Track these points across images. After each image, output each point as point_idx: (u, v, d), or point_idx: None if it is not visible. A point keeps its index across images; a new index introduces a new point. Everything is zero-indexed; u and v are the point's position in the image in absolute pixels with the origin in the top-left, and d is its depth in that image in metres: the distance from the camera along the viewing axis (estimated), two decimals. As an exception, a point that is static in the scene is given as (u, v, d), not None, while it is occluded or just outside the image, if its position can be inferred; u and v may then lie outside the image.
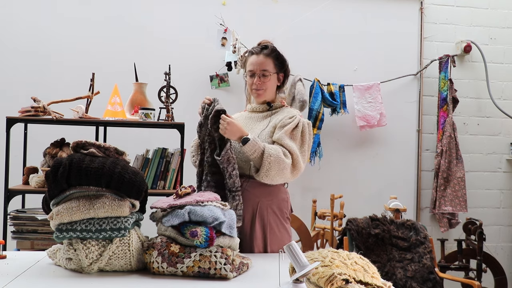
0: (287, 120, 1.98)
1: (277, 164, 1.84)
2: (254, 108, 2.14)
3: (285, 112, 2.06)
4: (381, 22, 4.00)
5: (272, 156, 1.84)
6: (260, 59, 2.04)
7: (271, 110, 2.09)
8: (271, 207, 1.99)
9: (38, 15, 3.63)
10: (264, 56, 2.04)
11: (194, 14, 3.77)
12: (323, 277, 1.20)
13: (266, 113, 2.10)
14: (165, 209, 1.55)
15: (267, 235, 1.97)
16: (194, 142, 2.13)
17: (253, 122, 2.10)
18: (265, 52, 2.05)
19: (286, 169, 1.86)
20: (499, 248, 4.16)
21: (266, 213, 1.97)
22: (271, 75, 2.05)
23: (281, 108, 2.11)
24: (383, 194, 3.85)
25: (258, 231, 1.96)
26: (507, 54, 4.18)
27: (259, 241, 1.96)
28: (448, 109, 3.91)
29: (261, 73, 2.03)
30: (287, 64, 2.11)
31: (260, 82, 2.04)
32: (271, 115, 2.07)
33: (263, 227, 1.97)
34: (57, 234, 1.49)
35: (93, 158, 1.52)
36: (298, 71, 3.71)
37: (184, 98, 3.07)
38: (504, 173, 4.18)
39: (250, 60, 2.07)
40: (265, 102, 2.11)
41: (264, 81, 2.04)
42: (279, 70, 2.08)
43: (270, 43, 2.10)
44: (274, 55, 2.06)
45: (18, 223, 2.50)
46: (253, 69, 2.05)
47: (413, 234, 2.91)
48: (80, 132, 2.94)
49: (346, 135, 3.97)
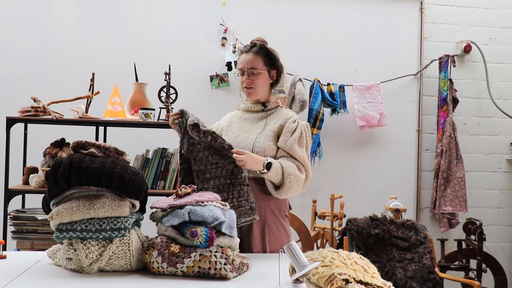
0: (291, 125, 1.97)
1: (296, 182, 1.91)
2: (248, 107, 2.10)
3: (281, 113, 2.05)
4: (381, 22, 4.00)
5: (291, 175, 1.90)
6: (248, 57, 2.02)
7: (266, 111, 2.07)
8: (269, 206, 1.99)
9: (38, 15, 3.62)
10: (252, 54, 2.02)
11: (194, 14, 3.77)
12: (323, 277, 1.20)
13: (261, 114, 2.07)
14: (165, 209, 1.55)
15: (265, 235, 1.97)
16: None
17: (248, 124, 2.07)
18: (254, 50, 2.03)
19: (302, 183, 1.95)
20: (499, 248, 4.16)
21: (264, 213, 1.97)
22: (260, 73, 2.02)
23: (276, 108, 2.09)
24: (383, 194, 3.85)
25: (256, 231, 1.96)
26: (507, 54, 4.18)
27: (257, 241, 1.95)
28: (448, 109, 3.91)
29: (249, 71, 2.01)
30: (278, 60, 2.08)
31: (249, 81, 2.02)
32: (267, 117, 2.05)
33: (262, 227, 1.97)
34: (57, 234, 1.49)
35: (93, 158, 1.52)
36: (298, 71, 3.71)
37: (184, 98, 3.06)
38: (504, 173, 4.18)
39: (240, 59, 2.06)
40: (259, 101, 2.08)
41: (253, 79, 2.01)
42: (270, 67, 2.05)
43: (261, 40, 2.07)
44: (263, 52, 2.04)
45: (18, 223, 2.50)
46: (242, 67, 2.04)
47: (413, 234, 2.91)
48: (80, 132, 2.94)
49: (346, 135, 3.97)
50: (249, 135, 2.00)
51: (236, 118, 2.13)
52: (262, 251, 1.96)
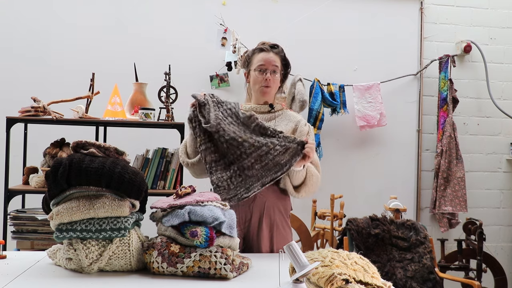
0: (304, 128, 2.03)
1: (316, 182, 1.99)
2: (254, 108, 2.10)
3: (288, 115, 2.08)
4: (381, 22, 4.00)
5: (314, 176, 1.98)
6: (271, 56, 2.04)
7: (273, 113, 2.08)
8: (277, 206, 2.01)
9: (38, 15, 3.62)
10: (274, 54, 2.05)
11: (194, 14, 3.77)
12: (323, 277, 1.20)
13: (267, 115, 2.08)
14: (165, 209, 1.55)
15: (273, 234, 1.99)
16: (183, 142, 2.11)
17: None
18: (275, 51, 2.06)
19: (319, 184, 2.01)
20: (499, 248, 4.16)
21: (273, 212, 1.99)
22: (279, 74, 2.06)
23: (281, 110, 2.11)
24: (383, 194, 3.85)
25: (265, 231, 1.97)
26: (507, 54, 4.18)
27: (266, 241, 1.97)
28: (448, 109, 3.91)
29: (272, 68, 2.03)
30: (290, 66, 2.14)
31: (271, 78, 2.03)
32: (274, 118, 2.07)
33: (270, 227, 1.98)
34: (57, 234, 1.49)
35: (93, 158, 1.52)
36: (298, 71, 3.70)
37: (184, 98, 3.04)
38: (504, 173, 4.18)
39: (260, 56, 2.05)
40: (266, 103, 2.09)
41: (273, 78, 2.04)
42: (283, 71, 2.11)
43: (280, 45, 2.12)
44: (283, 55, 2.09)
45: (18, 223, 2.50)
46: (265, 64, 2.03)
47: (413, 234, 2.91)
48: (80, 132, 2.94)
49: (346, 135, 3.97)
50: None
51: None
52: (270, 251, 1.98)
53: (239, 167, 1.88)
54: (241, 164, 1.87)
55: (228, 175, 1.90)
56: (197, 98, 1.95)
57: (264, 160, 1.87)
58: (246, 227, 1.99)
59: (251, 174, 1.88)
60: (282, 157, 1.87)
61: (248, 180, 1.88)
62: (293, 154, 1.87)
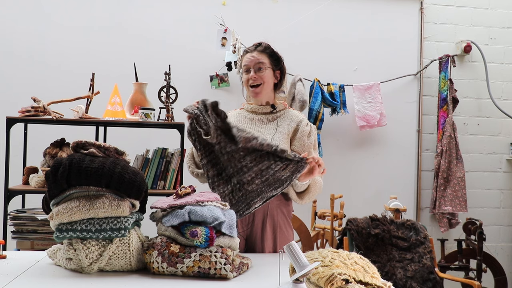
0: (305, 128, 1.99)
1: (319, 188, 1.98)
2: (254, 108, 2.08)
3: (290, 115, 2.05)
4: (381, 22, 4.00)
5: (317, 183, 1.97)
6: (254, 55, 2.02)
7: (276, 113, 2.05)
8: (280, 207, 2.01)
9: (38, 15, 3.62)
10: (258, 52, 2.03)
11: (194, 14, 3.77)
12: (323, 277, 1.20)
13: (270, 116, 2.05)
14: (165, 209, 1.55)
15: (277, 235, 1.99)
16: (189, 151, 2.09)
17: (257, 125, 2.04)
18: (259, 49, 2.03)
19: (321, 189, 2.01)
20: (499, 248, 4.16)
21: (276, 213, 1.99)
22: (266, 69, 2.01)
23: (284, 110, 2.08)
24: (383, 194, 3.85)
25: (268, 232, 1.98)
26: (507, 54, 4.18)
27: (269, 242, 1.98)
28: (448, 109, 3.91)
29: (256, 66, 2.00)
30: (283, 61, 2.08)
31: (256, 76, 2.00)
32: (277, 118, 2.04)
33: (274, 228, 1.99)
34: (57, 234, 1.49)
35: (93, 158, 1.52)
36: (298, 71, 3.71)
37: (184, 98, 3.05)
38: (504, 173, 4.18)
39: (245, 57, 2.04)
40: (268, 103, 2.07)
41: (260, 75, 2.00)
42: (275, 67, 2.05)
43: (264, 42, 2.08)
44: (269, 51, 2.04)
45: (18, 223, 2.50)
46: (248, 64, 2.02)
47: (413, 234, 2.91)
48: (80, 132, 2.94)
49: (346, 135, 3.97)
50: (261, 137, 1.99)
51: (242, 118, 2.10)
52: (273, 251, 1.99)
53: (239, 181, 1.84)
54: (241, 178, 1.84)
55: (229, 189, 1.87)
56: (189, 112, 1.87)
57: (265, 175, 1.83)
58: (249, 228, 1.99)
59: (251, 189, 1.84)
60: (283, 172, 1.82)
61: (249, 195, 1.85)
62: (294, 170, 1.83)
